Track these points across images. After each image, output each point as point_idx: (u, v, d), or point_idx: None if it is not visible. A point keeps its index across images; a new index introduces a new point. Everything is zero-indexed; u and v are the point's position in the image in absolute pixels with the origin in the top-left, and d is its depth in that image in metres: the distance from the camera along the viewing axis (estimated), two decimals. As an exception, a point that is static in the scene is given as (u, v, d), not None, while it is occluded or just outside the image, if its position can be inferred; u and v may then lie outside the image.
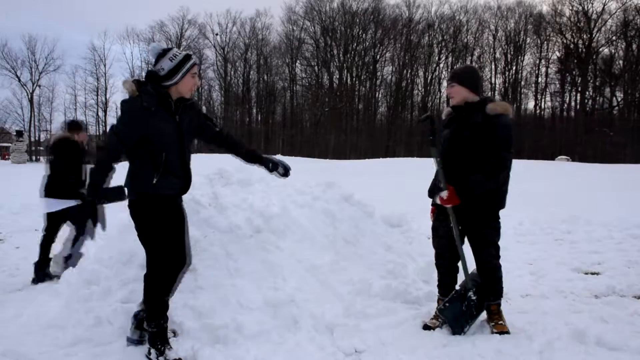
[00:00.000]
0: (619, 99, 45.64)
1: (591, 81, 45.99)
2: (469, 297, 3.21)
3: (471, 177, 3.03)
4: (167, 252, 2.71)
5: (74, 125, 4.85)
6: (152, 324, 2.73)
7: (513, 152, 3.10)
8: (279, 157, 3.39)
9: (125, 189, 2.70)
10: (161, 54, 2.69)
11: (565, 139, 43.68)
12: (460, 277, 3.40)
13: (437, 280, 3.47)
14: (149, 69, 2.77)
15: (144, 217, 2.70)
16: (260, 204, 4.03)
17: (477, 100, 3.16)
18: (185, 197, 3.00)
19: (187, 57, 2.70)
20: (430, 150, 3.25)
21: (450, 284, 3.39)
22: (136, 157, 2.66)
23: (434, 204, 3.37)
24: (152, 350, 2.73)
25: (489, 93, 51.10)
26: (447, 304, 3.20)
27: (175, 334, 2.91)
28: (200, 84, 2.85)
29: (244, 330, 2.95)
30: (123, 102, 2.63)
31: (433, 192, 3.34)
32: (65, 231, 4.77)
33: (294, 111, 54.17)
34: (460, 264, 3.34)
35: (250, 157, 3.08)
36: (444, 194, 3.10)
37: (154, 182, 2.62)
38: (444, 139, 3.30)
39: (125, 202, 2.72)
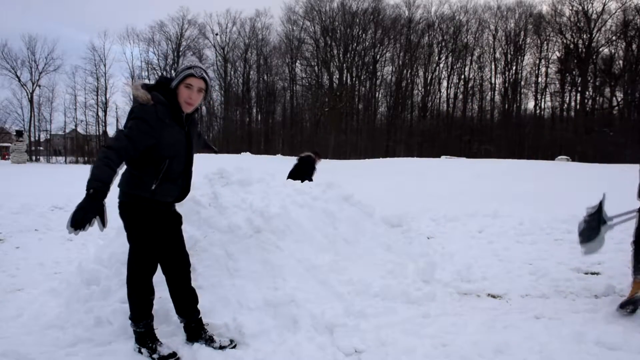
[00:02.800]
0: (619, 99, 45.63)
1: (591, 81, 45.97)
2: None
3: None
4: (148, 258, 2.73)
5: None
6: (139, 324, 2.73)
7: None
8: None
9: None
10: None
11: (565, 139, 43.66)
12: None
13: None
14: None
15: (135, 220, 2.68)
16: (260, 204, 4.03)
17: None
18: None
19: (187, 67, 2.66)
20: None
21: None
22: (138, 162, 2.61)
23: None
24: (144, 350, 2.73)
25: (489, 93, 51.22)
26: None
27: (232, 342, 2.89)
28: (201, 103, 2.77)
29: (244, 330, 2.95)
30: (138, 110, 2.54)
31: None
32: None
33: (294, 111, 54.13)
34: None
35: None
36: None
37: (153, 187, 2.61)
38: None
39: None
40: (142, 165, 2.61)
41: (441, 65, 52.35)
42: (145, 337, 2.75)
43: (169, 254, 2.82)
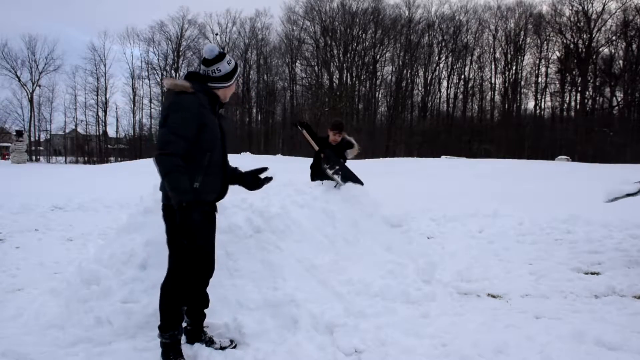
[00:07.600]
0: (619, 99, 45.65)
1: (591, 81, 46.00)
2: None
3: None
4: (198, 262, 2.65)
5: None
6: (166, 334, 2.61)
7: None
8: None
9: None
10: (218, 57, 2.70)
11: (565, 139, 43.67)
12: None
13: None
14: (196, 69, 2.76)
15: (182, 223, 2.53)
16: (260, 204, 4.03)
17: None
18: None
19: (237, 65, 2.82)
20: None
21: None
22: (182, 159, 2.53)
23: None
24: None
25: (489, 93, 51.22)
26: None
27: (232, 342, 2.89)
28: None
29: (244, 330, 2.95)
30: (177, 101, 2.48)
31: None
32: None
33: (294, 111, 54.13)
34: None
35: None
36: None
37: (196, 185, 2.53)
38: None
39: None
40: (185, 161, 2.49)
41: (441, 65, 52.43)
42: (169, 350, 2.60)
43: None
